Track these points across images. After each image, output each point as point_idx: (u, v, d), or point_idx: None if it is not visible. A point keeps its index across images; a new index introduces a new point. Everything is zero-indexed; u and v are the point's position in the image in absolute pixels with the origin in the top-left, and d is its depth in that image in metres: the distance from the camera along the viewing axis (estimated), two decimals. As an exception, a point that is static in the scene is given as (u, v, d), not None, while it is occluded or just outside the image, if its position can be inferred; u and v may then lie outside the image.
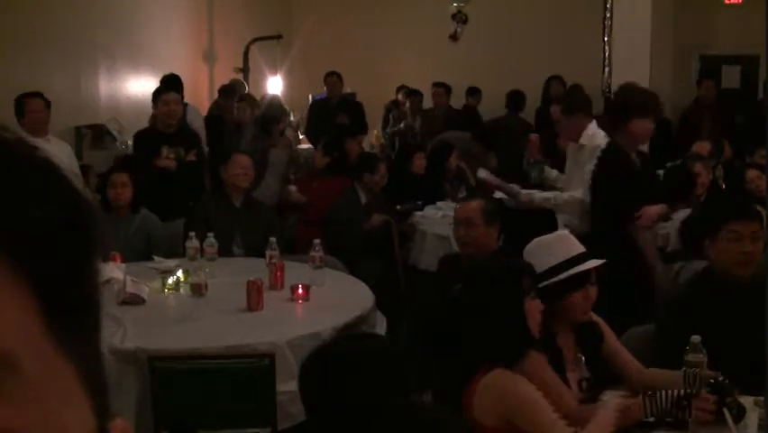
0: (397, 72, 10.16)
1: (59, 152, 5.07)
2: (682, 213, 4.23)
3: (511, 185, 4.79)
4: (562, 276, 2.48)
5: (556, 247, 2.55)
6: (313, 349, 1.88)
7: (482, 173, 5.08)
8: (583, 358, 2.58)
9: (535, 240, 2.64)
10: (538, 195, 4.48)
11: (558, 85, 8.38)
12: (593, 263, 2.53)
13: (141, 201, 4.64)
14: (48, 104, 5.22)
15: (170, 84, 6.20)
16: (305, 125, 8.97)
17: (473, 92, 9.36)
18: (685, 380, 2.36)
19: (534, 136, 4.54)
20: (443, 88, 8.72)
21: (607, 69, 7.68)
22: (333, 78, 8.43)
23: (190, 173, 5.30)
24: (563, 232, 2.72)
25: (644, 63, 6.87)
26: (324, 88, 8.81)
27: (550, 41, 9.69)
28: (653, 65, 6.94)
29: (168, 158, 5.24)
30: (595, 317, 2.65)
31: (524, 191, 4.52)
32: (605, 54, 7.69)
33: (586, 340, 2.60)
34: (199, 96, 9.18)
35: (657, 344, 2.89)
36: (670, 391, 2.27)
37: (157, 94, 5.60)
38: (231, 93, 8.09)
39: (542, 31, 9.85)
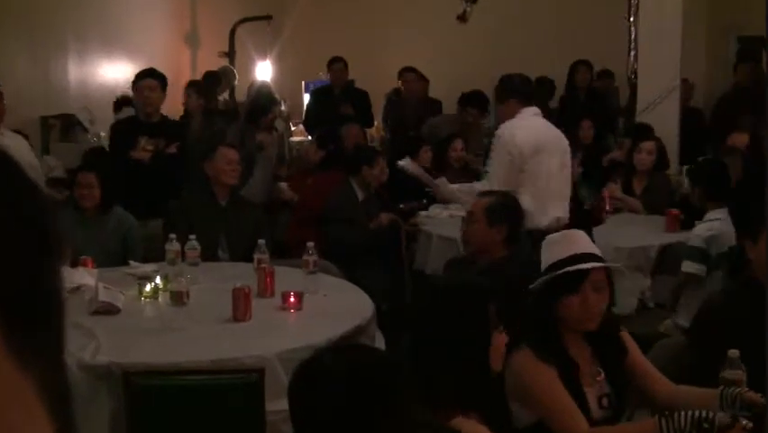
0: (399, 57, 10.16)
1: (12, 145, 5.06)
2: (714, 214, 4.22)
3: (435, 178, 4.81)
4: (552, 275, 2.48)
5: (559, 245, 2.57)
6: (302, 361, 1.87)
7: (403, 162, 5.11)
8: (602, 372, 2.57)
9: (546, 237, 2.66)
10: (449, 188, 4.49)
11: (585, 71, 8.37)
12: (591, 265, 2.49)
13: (113, 200, 4.64)
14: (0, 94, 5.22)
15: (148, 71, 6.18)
16: (304, 115, 8.98)
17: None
18: (722, 401, 2.34)
19: None
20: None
21: (632, 53, 7.68)
22: (338, 66, 8.41)
23: (168, 168, 5.29)
24: (574, 230, 2.72)
25: (675, 45, 6.86)
26: (322, 75, 8.80)
27: (568, 23, 9.67)
28: (684, 47, 6.94)
29: (144, 149, 5.24)
30: (621, 330, 2.65)
31: (445, 185, 4.60)
32: (630, 36, 7.68)
33: (605, 352, 2.59)
34: (180, 83, 9.18)
35: (688, 358, 2.89)
36: (690, 412, 2.22)
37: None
38: (214, 81, 8.10)
39: (559, 10, 9.84)
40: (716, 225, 4.12)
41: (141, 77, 5.55)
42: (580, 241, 2.59)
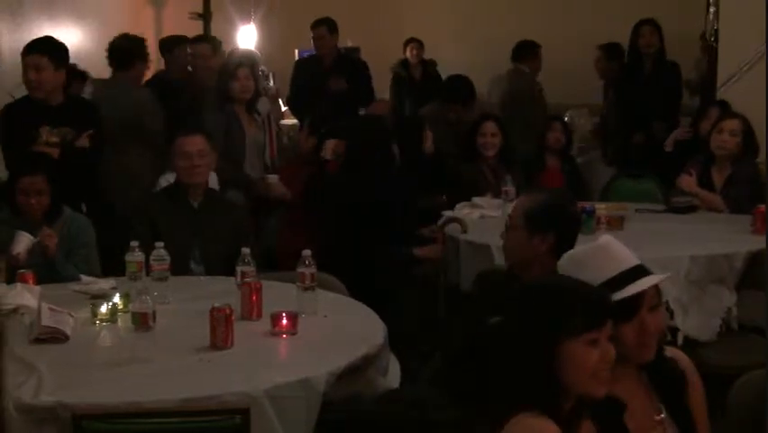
0: (412, 22, 10.18)
1: None
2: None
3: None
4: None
5: (595, 263, 2.44)
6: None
7: None
8: (663, 409, 2.48)
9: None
10: None
11: (651, 32, 8.36)
12: (649, 281, 2.41)
13: (63, 204, 4.65)
14: None
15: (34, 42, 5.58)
16: (288, 93, 9.00)
17: None
18: None
19: None
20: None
21: (712, 9, 7.65)
22: (321, 29, 8.40)
23: (81, 165, 5.20)
24: (606, 239, 2.55)
25: (764, -1, 6.83)
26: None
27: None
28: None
29: (48, 143, 5.13)
30: (683, 363, 2.55)
31: None
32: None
33: (663, 382, 2.51)
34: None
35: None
36: None
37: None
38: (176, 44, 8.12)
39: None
40: None
41: (24, 51, 5.31)
42: (618, 251, 2.47)
